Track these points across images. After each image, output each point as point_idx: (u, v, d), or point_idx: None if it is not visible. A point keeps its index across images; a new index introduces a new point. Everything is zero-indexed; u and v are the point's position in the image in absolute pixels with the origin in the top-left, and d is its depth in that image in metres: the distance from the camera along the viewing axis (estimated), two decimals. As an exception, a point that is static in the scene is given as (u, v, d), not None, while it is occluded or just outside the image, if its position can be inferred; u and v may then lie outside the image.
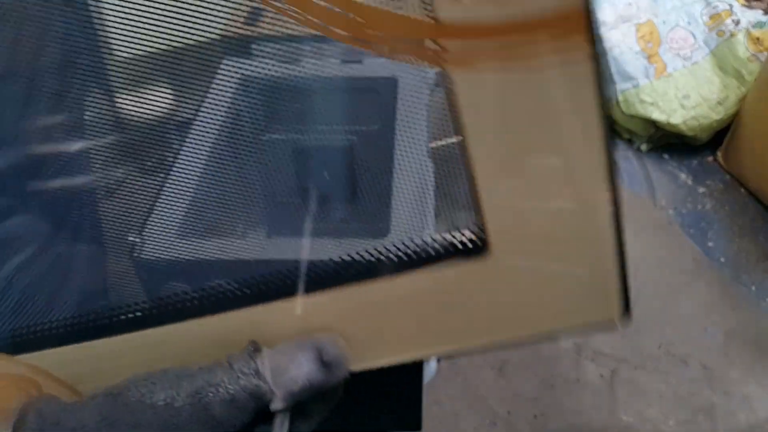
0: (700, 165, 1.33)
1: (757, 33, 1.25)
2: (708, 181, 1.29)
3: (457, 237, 0.29)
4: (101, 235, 0.46)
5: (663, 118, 1.26)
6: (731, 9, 1.28)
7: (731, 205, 1.23)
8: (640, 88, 1.25)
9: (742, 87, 1.26)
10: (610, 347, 0.95)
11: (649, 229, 1.15)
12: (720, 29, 1.28)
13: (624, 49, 1.25)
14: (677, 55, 1.28)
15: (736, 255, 1.12)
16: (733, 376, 0.94)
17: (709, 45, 1.29)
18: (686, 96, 1.26)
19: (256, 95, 0.80)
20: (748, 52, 1.25)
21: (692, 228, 1.18)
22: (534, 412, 0.87)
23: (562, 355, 0.94)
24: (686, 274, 1.07)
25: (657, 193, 1.26)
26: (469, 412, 0.87)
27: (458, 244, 0.29)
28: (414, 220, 0.58)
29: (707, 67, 1.29)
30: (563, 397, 0.89)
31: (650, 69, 1.26)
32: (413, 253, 0.30)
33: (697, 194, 1.26)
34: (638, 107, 1.26)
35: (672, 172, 1.31)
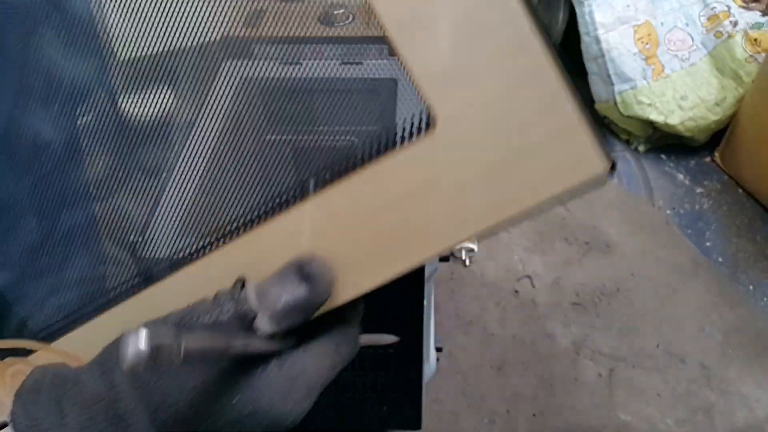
0: (697, 165, 1.33)
1: (754, 34, 1.26)
2: (706, 181, 1.29)
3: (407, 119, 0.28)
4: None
5: (661, 119, 1.26)
6: (729, 10, 1.28)
7: (729, 205, 1.23)
8: (638, 90, 1.26)
9: (739, 88, 1.26)
10: (608, 346, 0.96)
11: (647, 229, 1.16)
12: (718, 30, 1.29)
13: (622, 50, 1.25)
14: (675, 57, 1.28)
15: (733, 255, 1.13)
16: (731, 375, 0.94)
17: (707, 46, 1.30)
18: (684, 97, 1.27)
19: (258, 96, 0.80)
20: (745, 53, 1.25)
21: (690, 228, 1.19)
22: (533, 411, 0.88)
23: (561, 354, 0.95)
24: (684, 273, 1.07)
25: (655, 193, 1.26)
26: (468, 411, 0.88)
27: (409, 127, 0.28)
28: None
29: (705, 69, 1.29)
30: (562, 395, 0.89)
31: (648, 70, 1.26)
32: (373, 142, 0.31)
33: (694, 194, 1.26)
34: (636, 108, 1.27)
35: (670, 172, 1.32)
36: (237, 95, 0.55)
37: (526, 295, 1.03)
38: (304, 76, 0.71)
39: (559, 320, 0.99)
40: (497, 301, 1.02)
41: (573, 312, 1.01)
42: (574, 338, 0.97)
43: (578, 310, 1.01)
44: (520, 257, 1.09)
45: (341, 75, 0.79)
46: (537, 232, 1.14)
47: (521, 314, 1.00)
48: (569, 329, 0.98)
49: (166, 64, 0.49)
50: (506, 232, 1.14)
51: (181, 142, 0.62)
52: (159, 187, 0.51)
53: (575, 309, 1.01)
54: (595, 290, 1.04)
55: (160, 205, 0.51)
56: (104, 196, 0.47)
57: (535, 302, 1.02)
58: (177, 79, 0.46)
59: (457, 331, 0.98)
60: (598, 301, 1.02)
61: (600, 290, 1.04)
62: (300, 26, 0.62)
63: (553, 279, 1.06)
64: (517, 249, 1.11)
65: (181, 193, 0.52)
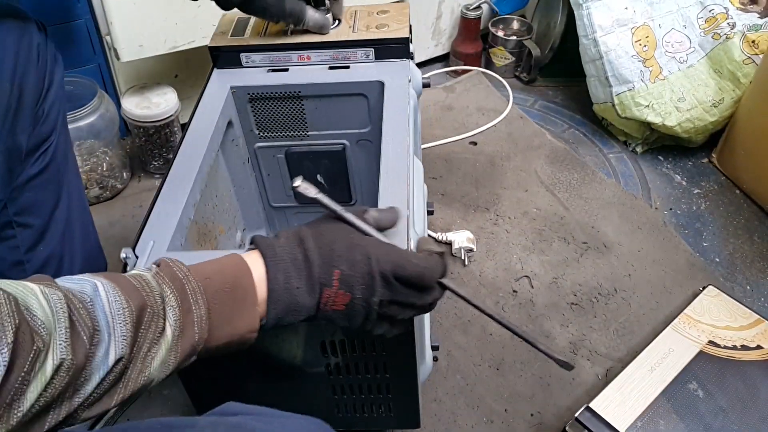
0: (695, 166, 1.34)
1: (752, 36, 1.27)
2: (703, 182, 1.30)
3: None
4: None
5: (658, 120, 1.27)
6: (727, 12, 1.29)
7: (726, 206, 1.24)
8: (636, 91, 1.27)
9: (737, 90, 1.27)
10: (606, 346, 0.97)
11: (645, 229, 1.17)
12: (716, 32, 1.29)
13: (620, 52, 1.26)
14: (673, 59, 1.29)
15: (731, 255, 1.14)
16: (727, 375, 0.95)
17: (705, 48, 1.31)
18: (681, 99, 1.28)
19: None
20: (743, 54, 1.26)
21: (687, 228, 1.19)
22: (531, 411, 0.88)
23: (559, 354, 0.96)
24: (681, 274, 1.08)
25: (652, 194, 1.27)
26: (467, 410, 0.88)
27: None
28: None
29: (702, 70, 1.30)
30: (560, 395, 0.90)
31: (646, 72, 1.27)
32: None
33: (692, 195, 1.27)
34: (634, 110, 1.28)
35: (667, 173, 1.32)
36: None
37: (524, 295, 1.04)
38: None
39: (557, 320, 1.00)
40: (496, 301, 1.03)
41: (571, 312, 1.02)
42: (571, 338, 0.98)
43: (576, 310, 1.02)
44: (518, 257, 1.10)
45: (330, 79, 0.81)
46: (536, 231, 1.15)
47: (520, 314, 1.01)
48: (567, 329, 0.99)
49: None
50: (505, 232, 1.15)
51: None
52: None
53: (573, 309, 1.02)
54: (592, 290, 1.05)
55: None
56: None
57: (533, 302, 1.03)
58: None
59: (455, 330, 0.99)
60: (595, 301, 1.03)
61: (597, 290, 1.05)
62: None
63: (551, 279, 1.07)
64: (515, 249, 1.12)
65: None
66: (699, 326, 0.93)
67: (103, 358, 0.38)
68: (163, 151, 1.19)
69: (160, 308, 0.42)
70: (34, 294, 0.36)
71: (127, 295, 0.41)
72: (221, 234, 0.77)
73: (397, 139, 0.70)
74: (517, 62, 1.55)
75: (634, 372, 0.85)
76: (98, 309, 0.39)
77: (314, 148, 0.89)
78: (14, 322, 0.32)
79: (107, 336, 0.38)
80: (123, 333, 0.39)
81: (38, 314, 0.35)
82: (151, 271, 0.45)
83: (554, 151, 1.33)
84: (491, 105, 1.44)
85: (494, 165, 1.29)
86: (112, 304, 0.40)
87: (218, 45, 0.82)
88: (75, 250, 0.77)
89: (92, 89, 1.10)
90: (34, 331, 0.34)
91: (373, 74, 0.81)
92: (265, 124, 0.86)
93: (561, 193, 1.23)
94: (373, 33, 0.82)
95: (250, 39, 0.83)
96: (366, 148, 0.90)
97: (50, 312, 0.35)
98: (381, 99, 0.81)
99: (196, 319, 0.43)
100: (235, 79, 0.82)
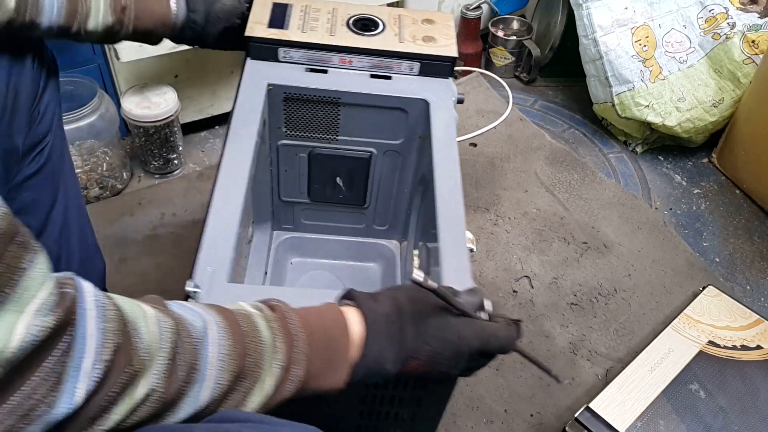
0: (695, 166, 1.34)
1: (752, 36, 1.27)
2: (703, 182, 1.30)
3: None
4: None
5: (658, 120, 1.27)
6: (727, 12, 1.29)
7: (726, 206, 1.24)
8: (636, 91, 1.27)
9: (737, 90, 1.27)
10: (606, 347, 0.97)
11: (645, 229, 1.17)
12: (716, 32, 1.29)
13: (620, 53, 1.26)
14: (673, 59, 1.29)
15: (731, 255, 1.14)
16: (727, 375, 0.95)
17: (705, 48, 1.31)
18: (681, 99, 1.28)
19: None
20: (743, 54, 1.26)
21: (687, 228, 1.19)
22: (530, 411, 0.88)
23: (559, 354, 0.96)
24: (681, 274, 1.08)
25: (652, 194, 1.27)
26: (466, 411, 0.88)
27: None
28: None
29: (702, 70, 1.30)
30: (559, 395, 0.90)
31: (646, 72, 1.27)
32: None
33: (692, 195, 1.27)
34: (634, 110, 1.28)
35: (667, 173, 1.32)
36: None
37: (524, 295, 1.04)
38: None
39: (557, 320, 1.00)
40: (496, 301, 1.03)
41: (571, 312, 1.02)
42: (571, 338, 0.98)
43: (576, 310, 1.02)
44: (518, 257, 1.10)
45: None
46: (536, 231, 1.15)
47: (520, 314, 1.01)
48: (567, 329, 0.99)
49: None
50: (505, 232, 1.14)
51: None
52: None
53: (573, 309, 1.02)
54: (592, 290, 1.05)
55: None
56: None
57: (533, 302, 1.03)
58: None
59: (455, 331, 0.99)
60: (595, 302, 1.03)
61: (597, 290, 1.05)
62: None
63: (551, 279, 1.07)
64: (515, 249, 1.12)
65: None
66: (699, 326, 0.93)
67: (194, 398, 0.38)
68: (163, 151, 1.19)
69: (266, 363, 0.41)
70: (145, 317, 0.36)
71: (235, 341, 0.40)
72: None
73: (452, 179, 0.69)
74: (517, 62, 1.55)
75: (634, 372, 0.85)
76: (204, 349, 0.39)
77: (341, 152, 0.87)
78: (116, 340, 0.33)
79: (205, 377, 0.38)
80: (220, 380, 0.39)
81: (144, 338, 0.35)
82: (262, 314, 0.44)
83: (554, 152, 1.33)
84: (491, 107, 1.44)
85: (494, 166, 1.29)
86: (220, 348, 0.39)
87: (257, 36, 0.76)
88: (72, 250, 0.77)
89: (92, 89, 1.10)
90: (135, 352, 0.34)
91: (417, 90, 0.79)
92: (296, 123, 0.83)
93: (561, 194, 1.23)
94: (421, 46, 0.79)
95: (291, 33, 0.78)
96: (392, 159, 0.88)
97: (156, 338, 0.35)
98: (420, 115, 0.79)
99: (292, 377, 0.43)
100: (271, 74, 0.77)
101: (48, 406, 0.30)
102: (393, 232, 0.99)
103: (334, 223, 0.98)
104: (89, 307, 0.33)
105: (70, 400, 0.31)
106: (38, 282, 0.30)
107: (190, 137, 1.29)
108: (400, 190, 0.92)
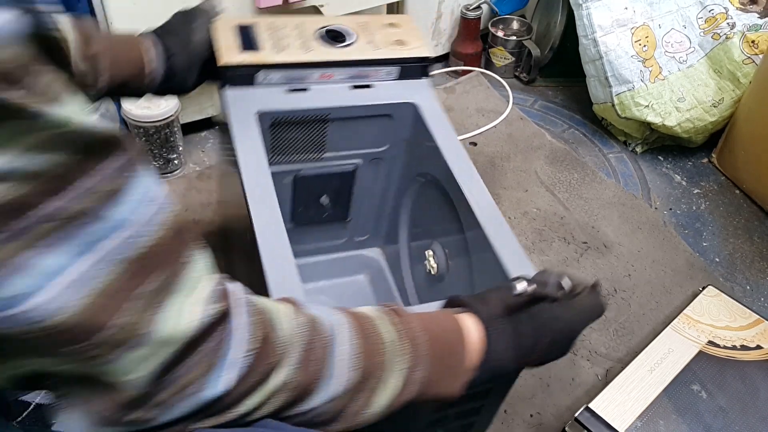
0: (694, 166, 1.34)
1: (752, 36, 1.27)
2: (703, 182, 1.30)
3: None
4: None
5: (658, 120, 1.27)
6: (727, 12, 1.29)
7: (726, 206, 1.24)
8: (636, 91, 1.27)
9: (737, 90, 1.27)
10: (606, 347, 0.97)
11: (645, 229, 1.17)
12: (715, 32, 1.29)
13: (620, 53, 1.26)
14: (672, 59, 1.29)
15: (730, 255, 1.14)
16: (727, 375, 0.95)
17: (705, 48, 1.31)
18: (681, 99, 1.28)
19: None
20: (743, 54, 1.26)
21: (687, 228, 1.19)
22: (530, 411, 0.88)
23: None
24: (681, 274, 1.08)
25: (652, 194, 1.27)
26: (466, 410, 0.88)
27: None
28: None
29: (702, 70, 1.30)
30: (559, 396, 0.90)
31: (646, 72, 1.27)
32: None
33: (691, 195, 1.27)
34: (634, 110, 1.28)
35: (667, 173, 1.32)
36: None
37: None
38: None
39: (557, 320, 1.00)
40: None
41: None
42: (571, 338, 0.98)
43: (576, 310, 1.02)
44: (518, 258, 1.10)
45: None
46: (536, 231, 1.15)
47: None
48: (567, 329, 0.99)
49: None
50: (505, 233, 1.15)
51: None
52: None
53: (573, 309, 1.02)
54: (592, 291, 1.05)
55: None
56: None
57: (533, 302, 1.03)
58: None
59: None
60: (595, 302, 1.03)
61: (597, 291, 1.05)
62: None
63: (551, 279, 1.07)
64: (515, 250, 1.12)
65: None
66: (699, 326, 0.93)
67: (324, 392, 0.39)
68: (163, 151, 1.19)
69: (392, 363, 0.43)
70: (281, 314, 0.39)
71: (363, 341, 0.42)
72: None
73: (470, 172, 0.71)
74: (517, 62, 1.55)
75: (633, 372, 0.85)
76: (334, 347, 0.40)
77: (325, 170, 0.86)
78: (260, 335, 0.36)
79: (333, 374, 0.39)
80: (349, 378, 0.40)
81: (281, 333, 0.37)
82: (387, 317, 0.45)
83: (554, 152, 1.33)
84: (491, 106, 1.44)
85: (494, 165, 1.29)
86: (349, 347, 0.41)
87: (234, 62, 0.72)
88: None
89: (92, 89, 1.10)
90: (274, 346, 0.37)
91: (401, 95, 0.79)
92: (282, 148, 0.80)
93: (561, 193, 1.23)
94: (396, 51, 0.79)
95: (267, 54, 0.74)
96: (377, 166, 0.88)
97: (292, 334, 0.38)
98: (406, 118, 0.79)
99: (416, 379, 0.44)
100: (255, 101, 0.73)
101: (198, 389, 0.33)
102: (374, 239, 0.98)
103: (314, 244, 0.95)
104: (240, 303, 0.36)
105: (216, 386, 0.34)
106: (204, 275, 0.34)
107: (190, 137, 1.29)
108: (384, 195, 0.92)
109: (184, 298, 0.32)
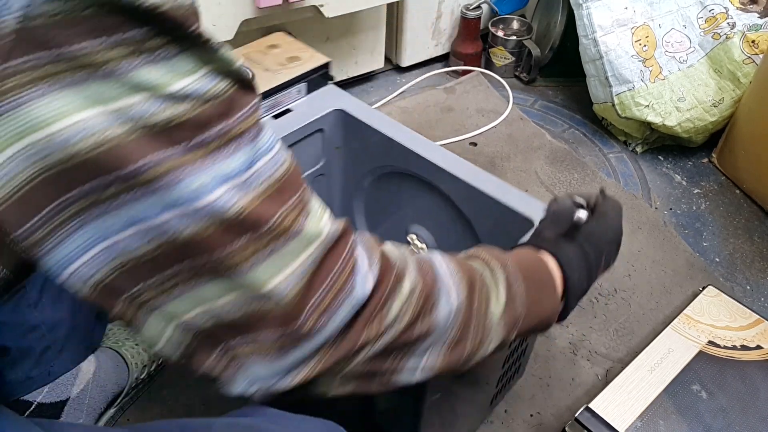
0: (695, 166, 1.34)
1: (752, 36, 1.27)
2: (703, 182, 1.30)
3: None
4: None
5: (658, 120, 1.27)
6: (727, 12, 1.29)
7: (726, 206, 1.24)
8: (636, 91, 1.27)
9: (737, 89, 1.27)
10: (606, 347, 0.97)
11: (645, 229, 1.17)
12: (716, 32, 1.29)
13: (620, 52, 1.26)
14: (673, 59, 1.29)
15: (731, 255, 1.14)
16: (727, 375, 0.95)
17: (705, 48, 1.31)
18: (681, 99, 1.28)
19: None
20: (743, 54, 1.26)
21: (687, 228, 1.19)
22: (530, 411, 0.88)
23: (558, 354, 0.96)
24: (681, 274, 1.08)
25: (652, 194, 1.27)
26: (466, 411, 0.88)
27: None
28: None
29: (702, 70, 1.30)
30: (559, 396, 0.90)
31: (646, 72, 1.27)
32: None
33: (692, 195, 1.27)
34: (634, 110, 1.28)
35: (667, 173, 1.32)
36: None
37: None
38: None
39: (557, 320, 1.00)
40: None
41: (571, 312, 1.01)
42: (571, 338, 0.98)
43: (576, 310, 1.01)
44: (518, 258, 1.10)
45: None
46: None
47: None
48: (567, 330, 0.99)
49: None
50: (505, 233, 1.15)
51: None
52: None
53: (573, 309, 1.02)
54: (592, 290, 1.05)
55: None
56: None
57: (533, 302, 1.03)
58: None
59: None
60: (595, 302, 1.03)
61: (597, 290, 1.05)
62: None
63: (551, 279, 1.07)
64: (515, 250, 1.12)
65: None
66: (699, 326, 0.93)
67: (446, 300, 0.42)
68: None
69: (490, 279, 0.46)
70: (386, 244, 0.43)
71: (456, 263, 0.45)
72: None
73: (438, 151, 0.74)
74: (517, 62, 1.55)
75: (633, 372, 0.85)
76: (434, 264, 0.44)
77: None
78: (381, 247, 0.41)
79: (444, 284, 0.42)
80: (458, 285, 0.43)
81: (392, 253, 0.42)
82: (473, 251, 0.49)
83: (554, 152, 1.33)
84: (491, 106, 1.44)
85: (494, 165, 1.29)
86: (447, 266, 0.44)
87: None
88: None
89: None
90: (390, 259, 0.41)
91: (323, 105, 0.81)
92: None
93: (561, 193, 1.23)
94: (298, 68, 0.80)
95: None
96: (320, 184, 0.89)
97: (400, 254, 0.42)
98: (334, 125, 0.81)
99: (518, 293, 0.47)
100: None
101: (348, 293, 0.37)
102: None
103: None
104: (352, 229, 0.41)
105: (364, 285, 0.37)
106: (322, 205, 0.39)
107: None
108: (331, 200, 0.94)
109: (317, 209, 0.37)
